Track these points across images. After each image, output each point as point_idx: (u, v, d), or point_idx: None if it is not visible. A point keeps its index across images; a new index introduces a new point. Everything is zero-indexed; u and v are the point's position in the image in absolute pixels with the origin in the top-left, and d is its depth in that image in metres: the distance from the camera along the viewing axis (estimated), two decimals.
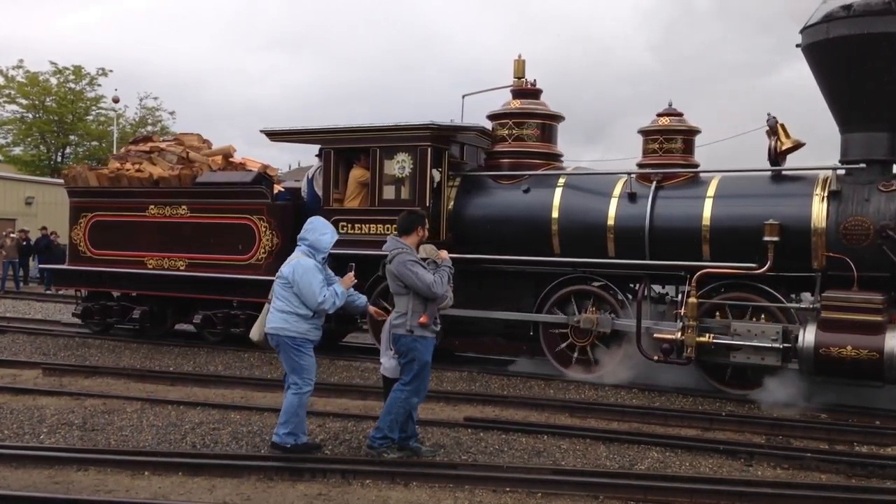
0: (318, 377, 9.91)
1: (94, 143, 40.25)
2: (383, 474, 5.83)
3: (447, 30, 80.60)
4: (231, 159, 13.19)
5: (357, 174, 11.27)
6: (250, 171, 12.43)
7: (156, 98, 40.93)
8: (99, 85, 39.66)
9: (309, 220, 6.64)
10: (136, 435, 6.97)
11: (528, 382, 9.89)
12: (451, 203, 10.90)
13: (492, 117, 11.28)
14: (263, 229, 11.57)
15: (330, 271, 6.51)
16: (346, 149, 11.35)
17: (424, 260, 6.29)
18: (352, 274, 6.57)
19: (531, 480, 5.75)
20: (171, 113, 41.23)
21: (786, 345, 8.73)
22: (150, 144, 13.56)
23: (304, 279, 6.19)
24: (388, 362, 6.56)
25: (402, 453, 6.29)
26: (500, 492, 5.61)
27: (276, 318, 6.29)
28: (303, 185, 12.06)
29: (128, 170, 12.80)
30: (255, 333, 6.56)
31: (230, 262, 11.73)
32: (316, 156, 11.99)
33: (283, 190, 12.42)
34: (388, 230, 10.39)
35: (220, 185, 12.11)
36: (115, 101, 34.88)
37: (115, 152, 34.12)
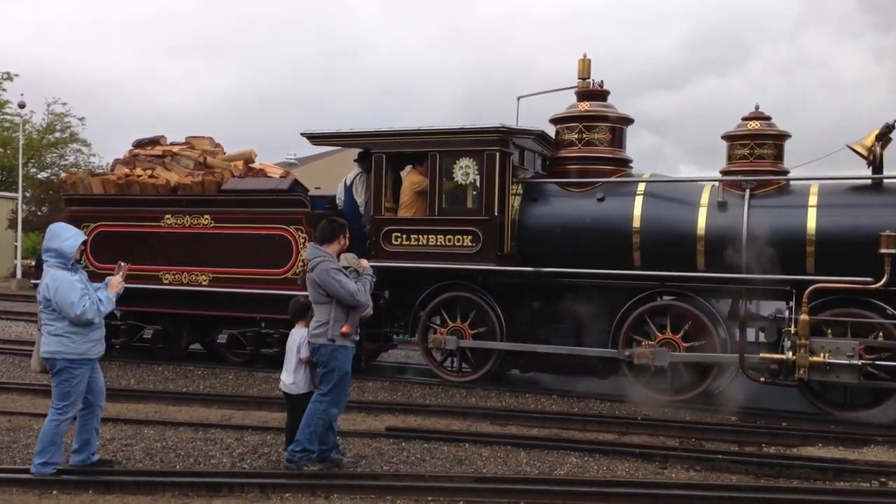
0: (237, 390, 9.89)
1: (0, 149, 38.75)
2: (303, 487, 5.76)
3: (371, 38, 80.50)
4: (251, 165, 12.25)
5: (413, 180, 10.57)
6: (283, 177, 11.56)
7: (64, 104, 39.98)
8: (3, 90, 38.51)
9: (49, 228, 6.05)
10: None
11: (449, 391, 9.91)
12: (515, 212, 10.16)
13: (556, 121, 10.49)
14: (302, 241, 10.62)
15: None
16: (399, 154, 10.61)
17: (346, 269, 6.26)
18: (119, 276, 6.05)
19: (453, 489, 5.78)
20: (81, 119, 40.28)
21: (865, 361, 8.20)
22: (160, 148, 12.34)
23: (60, 292, 5.74)
24: (289, 377, 6.43)
25: (322, 465, 6.21)
26: (422, 501, 5.61)
27: (50, 341, 5.83)
28: (338, 191, 11.23)
29: (139, 176, 11.77)
30: (35, 365, 6.23)
31: (262, 277, 10.79)
32: (355, 160, 11.20)
33: (314, 198, 11.41)
34: (448, 241, 10.10)
35: (252, 193, 11.13)
36: (21, 106, 33.61)
37: (21, 159, 33.23)
